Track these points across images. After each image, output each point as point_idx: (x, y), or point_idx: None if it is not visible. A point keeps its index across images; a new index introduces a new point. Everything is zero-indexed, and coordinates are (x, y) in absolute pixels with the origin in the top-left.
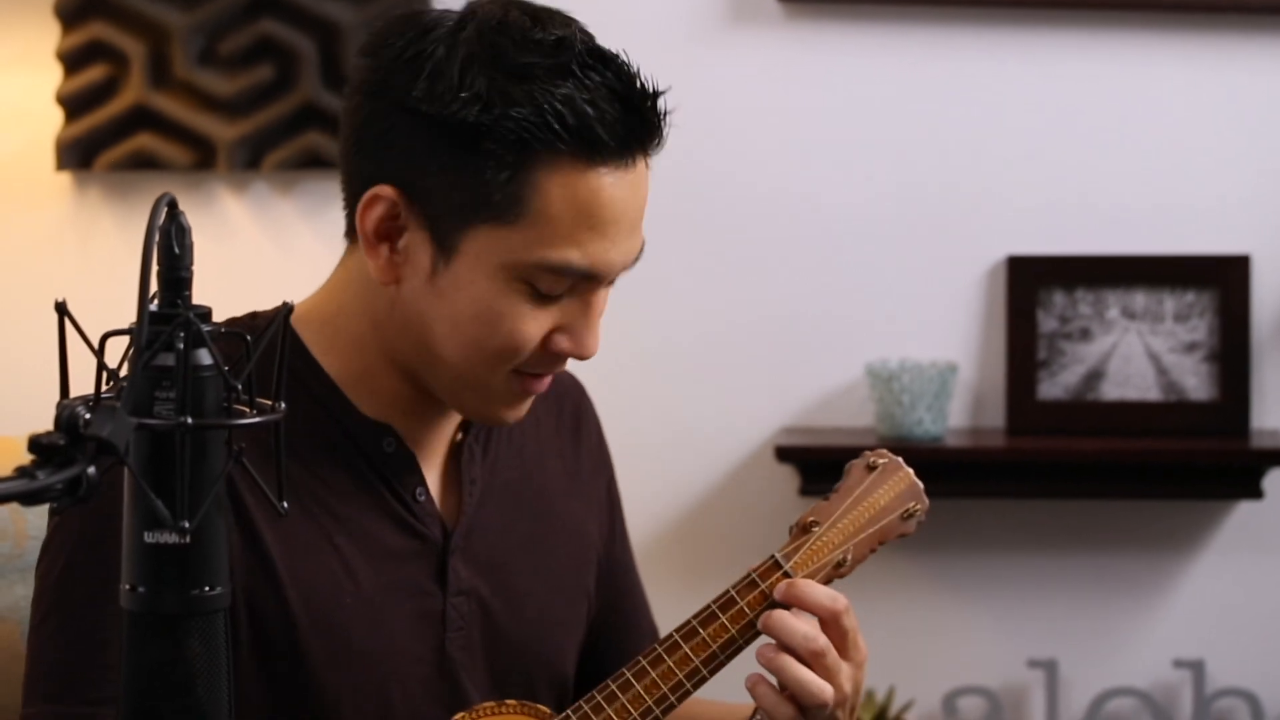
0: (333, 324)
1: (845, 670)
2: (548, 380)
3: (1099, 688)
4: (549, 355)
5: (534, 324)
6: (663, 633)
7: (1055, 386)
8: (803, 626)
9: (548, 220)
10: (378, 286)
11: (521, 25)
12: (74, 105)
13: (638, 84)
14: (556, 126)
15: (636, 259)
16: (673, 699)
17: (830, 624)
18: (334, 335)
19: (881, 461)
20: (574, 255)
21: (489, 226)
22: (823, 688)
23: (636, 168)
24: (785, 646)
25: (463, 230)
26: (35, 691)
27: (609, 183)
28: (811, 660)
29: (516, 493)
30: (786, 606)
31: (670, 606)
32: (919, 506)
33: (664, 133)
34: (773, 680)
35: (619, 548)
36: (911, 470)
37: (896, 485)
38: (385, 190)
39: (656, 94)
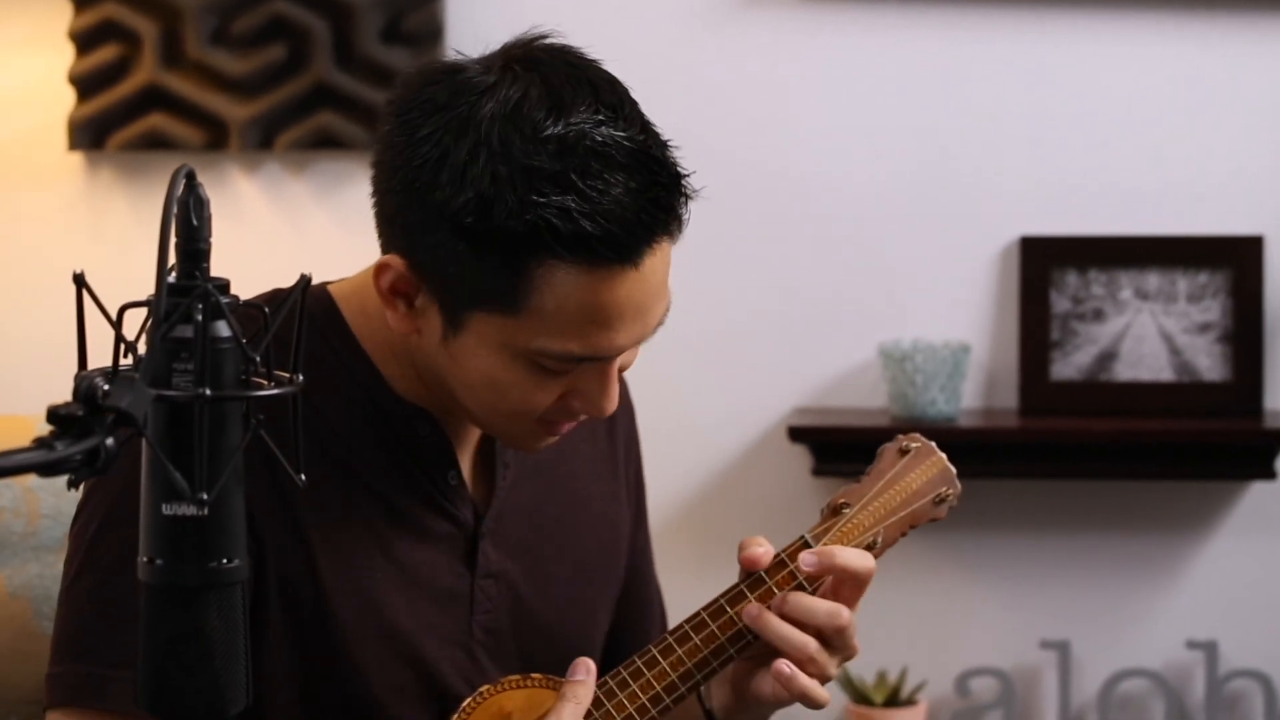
0: (372, 315)
1: (834, 664)
2: (574, 422)
3: (1111, 669)
4: (568, 412)
5: (543, 392)
6: (675, 615)
7: (1068, 367)
8: (799, 636)
9: (546, 315)
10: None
11: (536, 115)
12: (86, 85)
13: (652, 178)
14: (550, 240)
15: (658, 325)
16: (698, 675)
17: (832, 635)
18: (372, 322)
19: (915, 445)
20: (574, 346)
21: (489, 313)
22: (820, 692)
23: (645, 261)
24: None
25: (468, 312)
26: (62, 650)
27: (612, 283)
28: (804, 663)
29: (548, 475)
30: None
31: (684, 586)
32: (951, 491)
33: (684, 218)
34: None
35: (642, 534)
36: (944, 455)
37: (929, 470)
38: (395, 261)
39: (676, 181)
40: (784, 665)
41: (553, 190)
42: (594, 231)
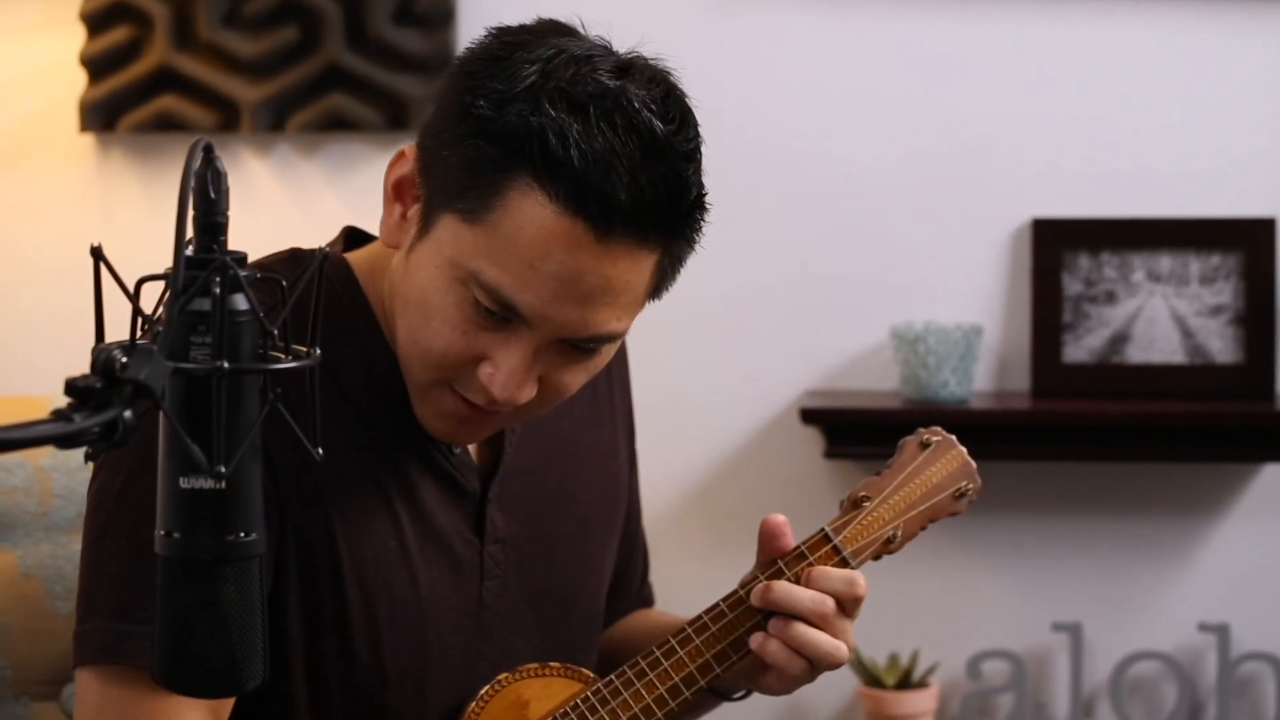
0: (377, 274)
1: (849, 626)
2: (491, 418)
3: (1123, 651)
4: (476, 383)
5: (461, 336)
6: (684, 595)
7: (1080, 349)
8: (809, 593)
9: (499, 236)
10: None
11: (602, 65)
12: (98, 67)
13: (659, 175)
14: (540, 153)
15: (594, 339)
16: (716, 668)
17: (851, 604)
18: (378, 284)
19: (935, 439)
20: (506, 283)
21: (456, 218)
22: (839, 647)
23: (612, 244)
24: (795, 615)
25: (440, 213)
26: (90, 607)
27: (572, 239)
28: (823, 624)
29: (550, 433)
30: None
31: (695, 568)
32: (971, 486)
33: (682, 226)
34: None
35: (633, 479)
36: (965, 449)
37: (950, 463)
38: (410, 151)
39: (684, 185)
40: (780, 621)
41: (566, 112)
42: (578, 167)
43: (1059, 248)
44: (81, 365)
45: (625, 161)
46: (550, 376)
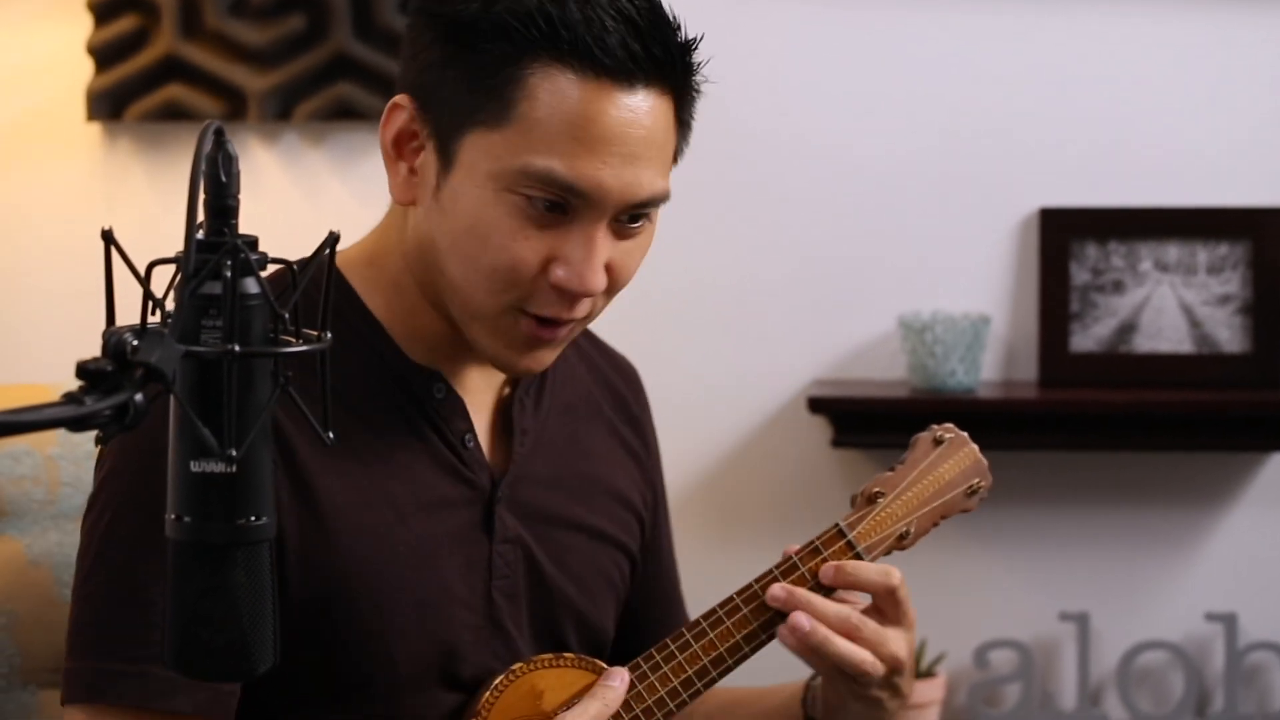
0: (376, 266)
1: (898, 637)
2: (562, 332)
3: (1130, 641)
4: (551, 291)
5: (525, 245)
6: (691, 586)
7: (1088, 339)
8: (835, 606)
9: (534, 125)
10: (405, 221)
11: None
12: (104, 56)
13: (656, 14)
14: (545, 29)
15: (648, 201)
16: (729, 661)
17: (885, 598)
18: (377, 277)
19: (948, 436)
20: (557, 165)
21: (481, 131)
22: (865, 659)
23: (638, 93)
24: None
25: (460, 137)
26: (79, 646)
27: (602, 98)
28: (851, 636)
29: (564, 448)
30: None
31: (703, 557)
32: (983, 483)
33: (684, 70)
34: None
35: (663, 514)
36: (977, 446)
37: (962, 461)
38: (402, 99)
39: (674, 29)
40: (801, 619)
41: None
42: (591, 28)
43: (1066, 237)
44: (90, 354)
45: (622, 16)
46: (611, 263)
